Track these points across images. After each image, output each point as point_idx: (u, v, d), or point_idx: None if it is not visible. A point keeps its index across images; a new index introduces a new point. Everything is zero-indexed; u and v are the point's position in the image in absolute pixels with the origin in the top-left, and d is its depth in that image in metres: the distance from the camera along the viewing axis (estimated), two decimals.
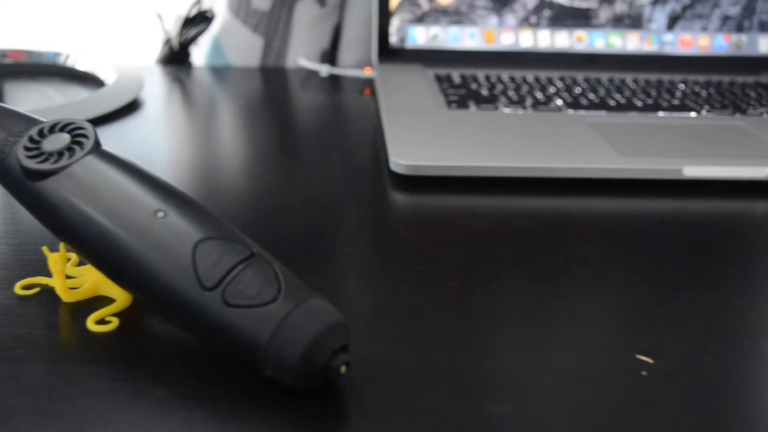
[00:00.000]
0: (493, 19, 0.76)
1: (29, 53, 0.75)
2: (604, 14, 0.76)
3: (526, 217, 0.47)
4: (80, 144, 0.34)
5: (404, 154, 0.52)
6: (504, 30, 0.77)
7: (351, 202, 0.49)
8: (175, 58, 0.83)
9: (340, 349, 0.29)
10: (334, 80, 0.79)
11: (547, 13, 0.76)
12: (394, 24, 0.76)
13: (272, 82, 0.78)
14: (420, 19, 0.76)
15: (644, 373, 0.32)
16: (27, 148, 0.34)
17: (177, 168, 0.54)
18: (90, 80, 0.74)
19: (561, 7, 0.76)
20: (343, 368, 0.29)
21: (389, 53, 0.77)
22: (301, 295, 0.29)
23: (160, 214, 0.31)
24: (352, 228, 0.45)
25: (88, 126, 0.34)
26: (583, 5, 0.76)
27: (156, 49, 0.85)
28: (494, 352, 0.33)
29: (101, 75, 0.72)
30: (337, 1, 0.82)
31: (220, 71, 0.82)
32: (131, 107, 0.66)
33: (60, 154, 0.33)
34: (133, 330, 0.34)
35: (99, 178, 0.32)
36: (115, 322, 0.34)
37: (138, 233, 0.30)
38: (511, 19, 0.76)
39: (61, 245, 0.35)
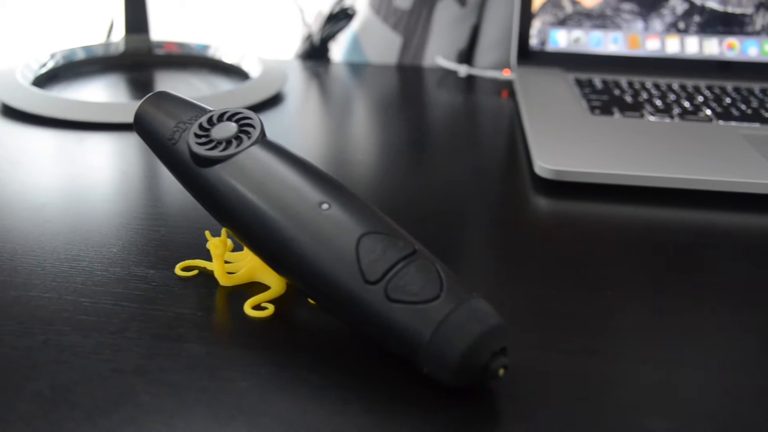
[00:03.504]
0: (639, 24, 0.74)
1: (181, 45, 0.78)
2: (761, 21, 0.73)
3: (674, 229, 0.45)
4: (247, 133, 0.34)
5: (550, 159, 0.51)
6: (650, 35, 0.74)
7: (493, 203, 0.49)
8: (315, 54, 0.85)
9: (499, 352, 0.29)
10: (470, 81, 0.78)
11: (697, 18, 0.73)
12: (536, 26, 0.75)
13: (409, 81, 0.78)
14: (562, 22, 0.75)
15: None
16: (197, 135, 0.35)
17: (317, 162, 0.54)
18: (235, 72, 0.76)
19: (712, 12, 0.73)
20: (501, 371, 0.29)
21: (528, 55, 0.76)
22: (463, 295, 0.29)
23: (325, 206, 0.31)
24: (496, 230, 0.45)
25: (255, 116, 0.35)
26: (737, 11, 0.73)
27: (295, 44, 0.87)
28: (651, 366, 0.32)
29: (246, 67, 0.74)
30: (477, 1, 0.82)
31: (357, 68, 0.83)
32: (274, 100, 0.68)
33: (228, 142, 0.34)
34: (287, 317, 0.35)
35: (264, 168, 0.33)
36: (270, 309, 0.35)
37: (302, 223, 0.31)
38: (657, 24, 0.74)
39: (223, 231, 0.37)
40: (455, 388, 0.29)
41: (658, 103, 0.64)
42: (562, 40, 0.75)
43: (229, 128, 0.35)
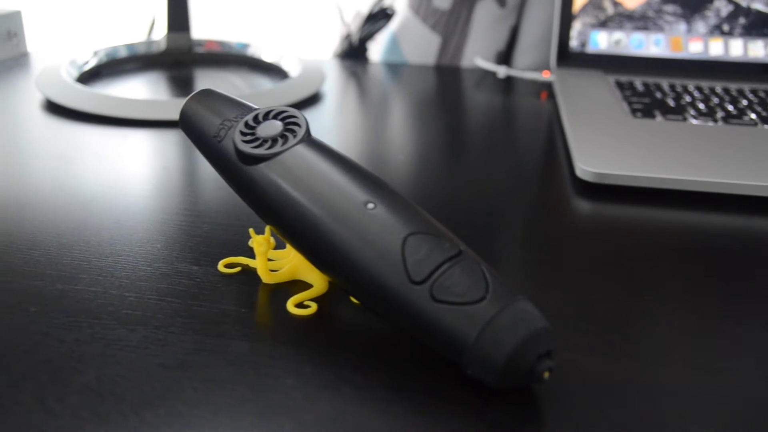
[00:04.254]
0: (682, 26, 0.73)
1: (221, 44, 0.79)
2: None
3: (718, 234, 0.45)
4: (293, 132, 0.35)
5: (591, 162, 0.50)
6: (692, 38, 0.73)
7: (532, 205, 0.48)
8: (353, 53, 0.85)
9: (544, 355, 0.29)
10: (508, 82, 0.78)
11: (742, 20, 0.72)
12: (576, 27, 0.75)
13: (447, 81, 0.78)
14: (603, 24, 0.74)
15: None
16: (243, 133, 0.35)
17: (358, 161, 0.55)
18: (274, 71, 0.76)
19: (759, 14, 0.72)
20: (546, 374, 0.28)
21: (568, 57, 0.75)
22: (508, 297, 0.29)
23: (370, 206, 0.31)
24: (537, 232, 0.45)
25: (300, 115, 0.35)
26: None
27: (334, 43, 0.87)
28: (694, 372, 0.32)
29: (285, 66, 0.75)
30: (516, 2, 0.81)
31: (395, 68, 0.83)
32: (313, 99, 0.68)
33: (274, 140, 0.34)
34: (329, 316, 0.35)
35: (310, 166, 0.33)
36: (313, 307, 0.35)
37: (348, 223, 0.31)
38: (701, 26, 0.73)
39: (267, 228, 0.37)
40: (499, 390, 0.29)
41: (701, 106, 0.63)
42: (602, 41, 0.75)
43: (275, 126, 0.35)
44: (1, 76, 0.73)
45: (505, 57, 0.84)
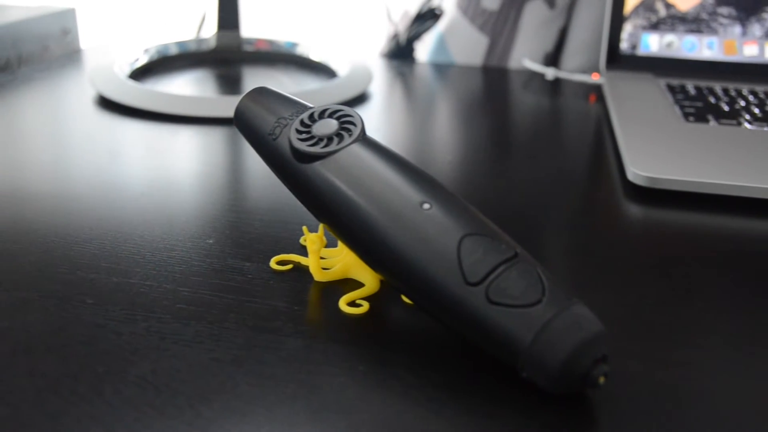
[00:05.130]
0: (736, 29, 0.72)
1: (270, 42, 0.80)
2: None
3: None
4: (348, 131, 0.35)
5: (644, 166, 0.50)
6: (748, 41, 0.72)
7: (582, 208, 0.48)
8: (400, 53, 0.85)
9: (600, 359, 0.28)
10: (556, 84, 0.77)
11: None
12: (627, 29, 0.74)
13: (494, 82, 0.78)
14: (655, 26, 0.73)
15: None
16: (298, 131, 0.35)
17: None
18: (322, 70, 0.77)
19: None
20: (602, 379, 0.28)
21: (618, 60, 0.74)
22: (565, 301, 0.29)
23: (426, 206, 0.31)
24: (587, 236, 0.44)
25: (356, 114, 0.36)
26: None
27: (380, 43, 0.87)
28: (747, 381, 0.31)
29: (333, 66, 0.75)
30: (566, 3, 0.81)
31: (442, 68, 0.82)
32: (360, 99, 0.68)
33: (330, 139, 0.34)
34: (381, 315, 0.35)
35: (365, 166, 0.33)
36: (365, 306, 0.35)
37: (403, 223, 0.31)
38: (756, 29, 0.72)
39: (321, 227, 0.37)
40: (553, 394, 0.29)
41: (756, 111, 0.62)
42: (653, 44, 0.74)
43: (330, 125, 0.35)
44: (56, 71, 0.74)
45: (553, 59, 0.83)
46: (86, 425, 0.27)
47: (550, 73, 0.78)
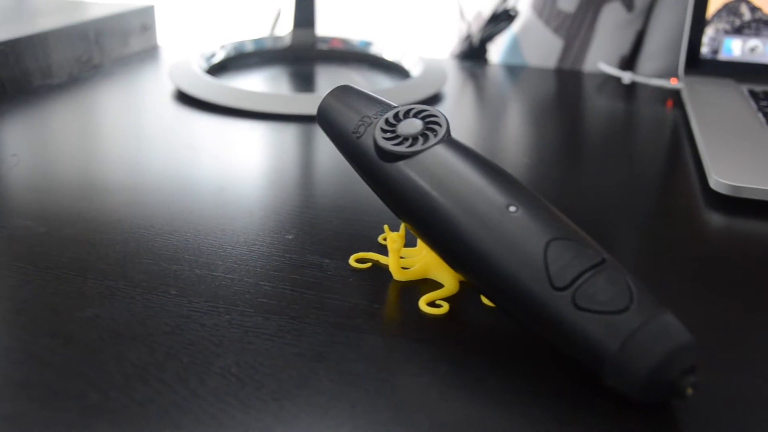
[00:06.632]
0: None
1: (344, 41, 0.80)
2: None
3: None
4: (434, 131, 0.35)
5: (727, 174, 0.48)
6: None
7: (662, 216, 0.47)
8: (473, 54, 0.85)
9: (688, 370, 0.28)
10: (630, 88, 0.76)
11: None
12: (708, 33, 0.72)
13: (569, 85, 0.77)
14: (738, 30, 0.71)
15: None
16: (383, 130, 0.35)
17: None
18: (395, 69, 0.77)
19: None
20: (690, 390, 0.28)
21: (698, 64, 0.73)
22: (653, 309, 0.28)
23: (512, 209, 0.31)
24: (668, 244, 0.43)
25: (441, 114, 0.35)
26: None
27: (451, 43, 0.87)
28: None
29: (406, 65, 0.75)
30: (644, 6, 0.79)
31: (515, 70, 0.82)
32: (433, 99, 0.68)
33: (415, 138, 0.34)
34: (461, 316, 0.35)
35: (450, 166, 0.33)
36: (445, 307, 0.35)
37: (489, 225, 0.31)
38: None
39: (402, 226, 0.37)
40: (638, 403, 0.28)
41: None
42: (736, 49, 0.72)
43: (415, 125, 0.35)
44: (135, 66, 0.76)
45: (629, 62, 0.82)
46: (173, 414, 0.28)
47: (627, 77, 0.76)
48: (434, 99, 0.68)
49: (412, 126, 0.35)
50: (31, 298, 0.35)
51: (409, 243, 0.40)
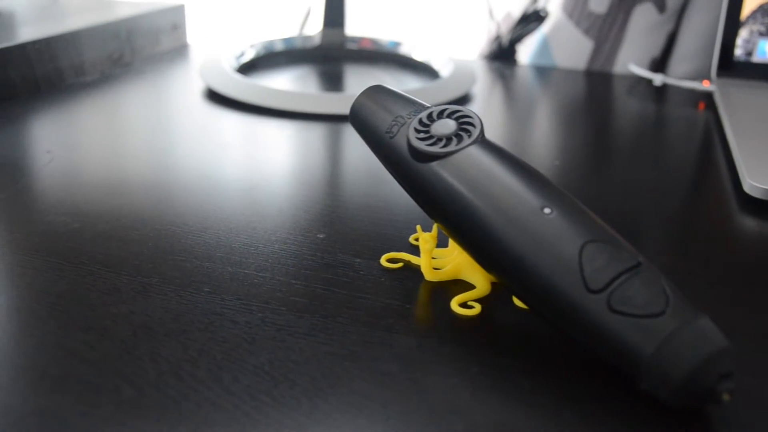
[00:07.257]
0: None
1: (374, 41, 0.80)
2: None
3: None
4: (468, 132, 0.35)
5: (762, 178, 0.48)
6: None
7: (694, 220, 0.47)
8: (502, 55, 0.84)
9: (724, 375, 0.27)
10: (661, 90, 0.75)
11: None
12: (742, 35, 0.71)
13: (599, 87, 0.77)
14: None
15: None
16: (417, 130, 0.35)
17: None
18: (424, 70, 0.77)
19: None
20: (726, 396, 0.27)
21: (731, 67, 0.72)
22: (690, 313, 0.28)
23: (547, 211, 0.31)
24: (702, 248, 0.43)
25: (475, 115, 0.35)
26: None
27: (481, 44, 0.87)
28: None
29: (435, 66, 0.75)
30: (676, 7, 0.78)
31: (544, 71, 0.81)
32: (463, 100, 0.68)
33: (449, 139, 0.34)
34: (493, 318, 0.35)
35: (485, 168, 0.33)
36: (477, 308, 0.35)
37: (524, 227, 0.31)
38: None
39: (435, 226, 0.37)
40: (673, 408, 0.28)
41: None
42: None
43: (449, 125, 0.35)
44: (165, 65, 0.76)
45: (660, 64, 0.81)
46: (206, 410, 0.28)
47: (658, 79, 0.76)
48: (463, 100, 0.68)
49: (445, 126, 0.35)
50: (65, 293, 0.35)
51: (441, 243, 0.40)
